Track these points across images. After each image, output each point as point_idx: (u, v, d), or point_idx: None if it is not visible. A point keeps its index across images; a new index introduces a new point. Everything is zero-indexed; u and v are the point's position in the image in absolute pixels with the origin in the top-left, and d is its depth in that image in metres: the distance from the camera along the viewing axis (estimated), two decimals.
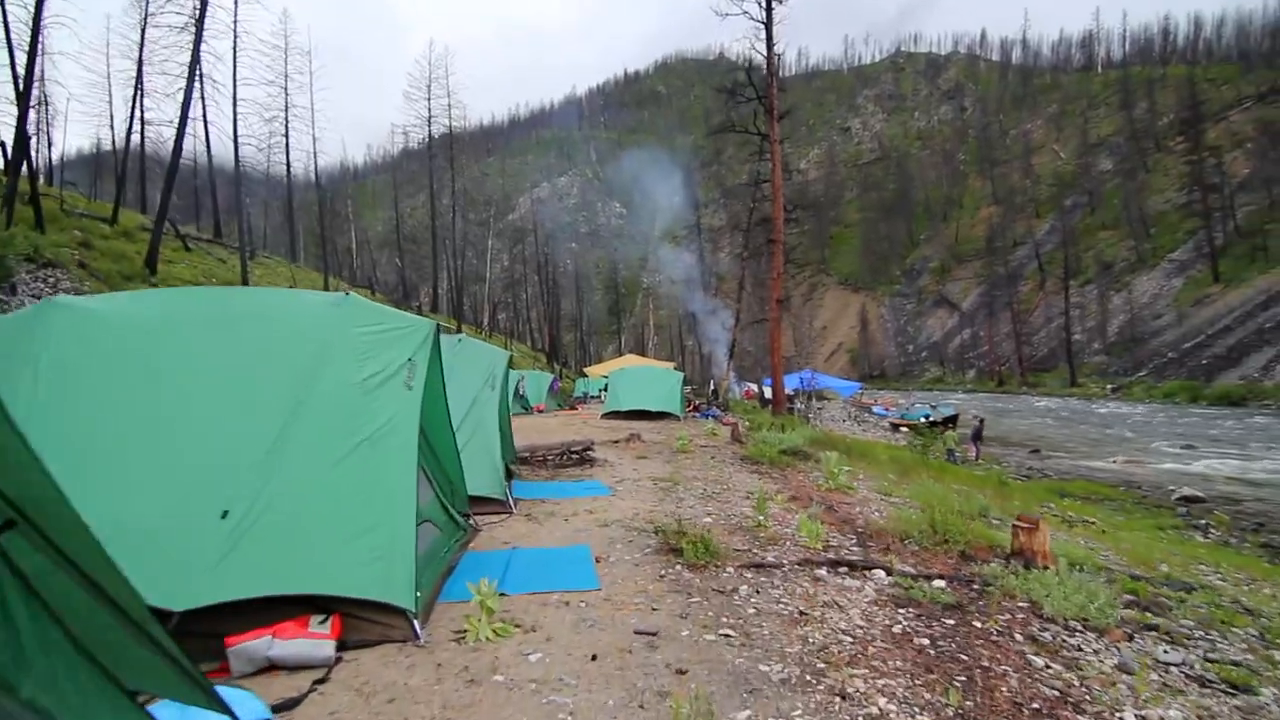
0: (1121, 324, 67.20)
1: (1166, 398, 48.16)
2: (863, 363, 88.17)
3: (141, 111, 30.18)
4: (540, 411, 24.62)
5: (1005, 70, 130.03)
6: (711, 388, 28.04)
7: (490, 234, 66.48)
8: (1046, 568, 5.00)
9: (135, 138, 32.10)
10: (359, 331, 4.31)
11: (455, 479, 6.62)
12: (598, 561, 5.39)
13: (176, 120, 26.15)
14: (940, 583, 4.85)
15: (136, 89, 29.28)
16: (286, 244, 43.51)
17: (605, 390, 27.32)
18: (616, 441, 12.94)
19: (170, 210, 27.40)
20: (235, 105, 31.53)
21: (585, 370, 38.07)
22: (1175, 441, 24.68)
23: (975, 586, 4.85)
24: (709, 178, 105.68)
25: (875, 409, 35.67)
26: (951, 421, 25.81)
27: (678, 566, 5.13)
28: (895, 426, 27.78)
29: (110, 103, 36.83)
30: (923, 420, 26.48)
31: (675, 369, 24.48)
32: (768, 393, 33.78)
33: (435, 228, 45.68)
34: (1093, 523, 10.58)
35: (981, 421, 21.15)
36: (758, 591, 4.61)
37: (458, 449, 6.50)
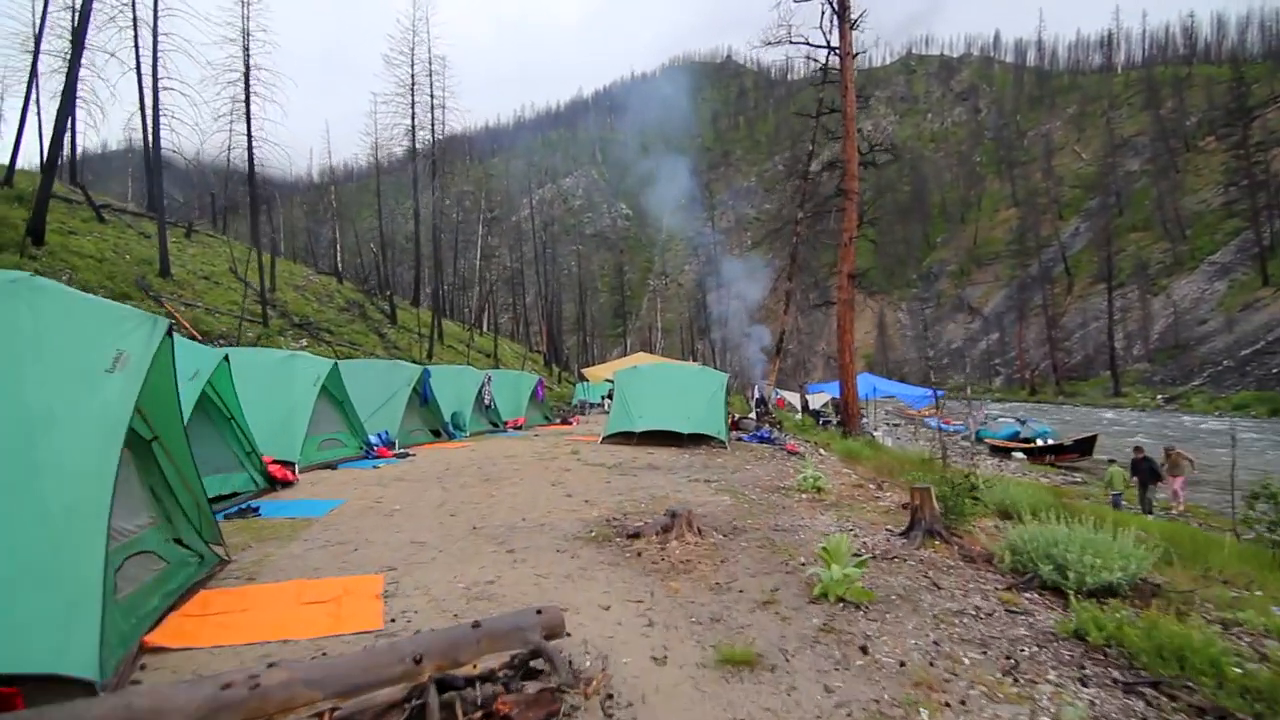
0: (1163, 329, 60.56)
1: (1239, 410, 41.49)
2: (880, 369, 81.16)
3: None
4: (517, 428, 17.63)
5: (1020, 72, 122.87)
6: (756, 395, 20.55)
7: (491, 233, 60.12)
8: None
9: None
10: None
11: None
12: None
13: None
14: None
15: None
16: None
17: (609, 398, 20.25)
18: (631, 535, 5.50)
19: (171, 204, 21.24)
20: (156, 50, 24.76)
21: (584, 372, 30.94)
22: None
23: None
24: (717, 179, 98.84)
25: (930, 421, 28.66)
26: (1086, 446, 18.71)
27: None
28: (999, 450, 20.50)
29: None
30: (1040, 441, 19.48)
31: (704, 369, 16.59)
32: (814, 401, 26.70)
33: (417, 227, 38.93)
34: None
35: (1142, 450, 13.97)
36: None
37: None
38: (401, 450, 11.15)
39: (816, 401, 27.13)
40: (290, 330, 25.16)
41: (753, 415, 18.39)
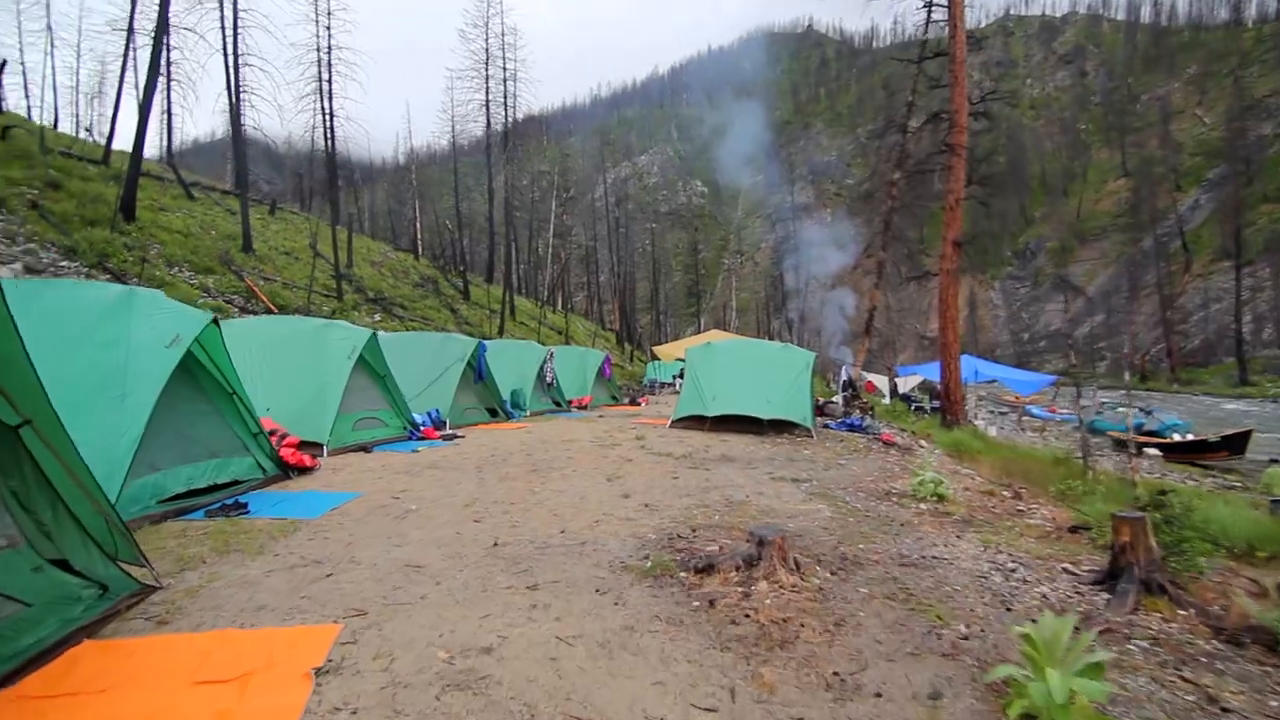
0: None
1: None
2: (970, 352, 75.51)
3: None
4: (581, 408, 16.34)
5: (1133, 30, 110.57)
6: (844, 377, 18.28)
7: (566, 212, 59.45)
8: None
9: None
10: None
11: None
12: None
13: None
14: None
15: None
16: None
17: (681, 377, 18.71)
18: (702, 568, 3.98)
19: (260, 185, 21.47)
20: (236, 26, 24.65)
21: (655, 350, 29.36)
22: None
23: None
24: (796, 153, 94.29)
25: (1034, 409, 25.57)
26: (1239, 444, 15.65)
27: None
28: (1122, 445, 17.24)
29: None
30: (1176, 436, 16.58)
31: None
32: (904, 384, 24.24)
33: (491, 202, 38.24)
34: None
35: None
36: None
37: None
38: (450, 431, 10.03)
39: (906, 385, 24.64)
40: (364, 305, 24.87)
41: (838, 399, 16.40)
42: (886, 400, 21.98)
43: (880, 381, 24.71)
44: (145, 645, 2.70)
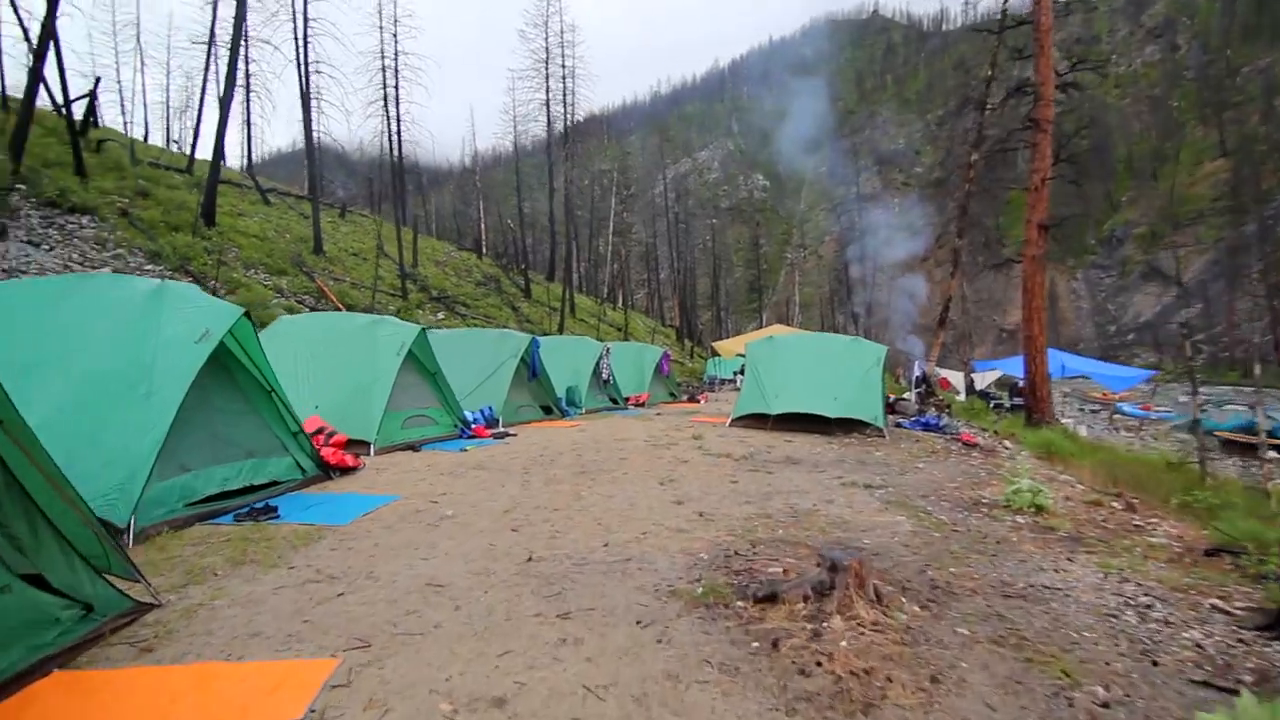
0: None
1: None
2: (1050, 345, 70.97)
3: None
4: (639, 406, 15.84)
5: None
6: (917, 373, 17.03)
7: (627, 210, 59.25)
8: None
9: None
10: None
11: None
12: None
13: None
14: None
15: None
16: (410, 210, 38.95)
17: (741, 373, 17.96)
18: (764, 597, 3.24)
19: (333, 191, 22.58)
20: (306, 34, 25.36)
21: (715, 346, 28.59)
22: None
23: None
24: (862, 143, 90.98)
25: (1125, 407, 23.47)
26: None
27: None
28: (1233, 445, 15.34)
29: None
30: None
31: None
32: (980, 380, 22.64)
33: (552, 200, 38.29)
34: None
35: None
36: None
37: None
38: (502, 430, 9.72)
39: (984, 381, 23.04)
40: (428, 303, 25.17)
41: (910, 396, 15.31)
42: (961, 397, 20.57)
43: (955, 378, 23.20)
44: (114, 680, 2.33)
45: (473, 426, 9.18)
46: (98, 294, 4.63)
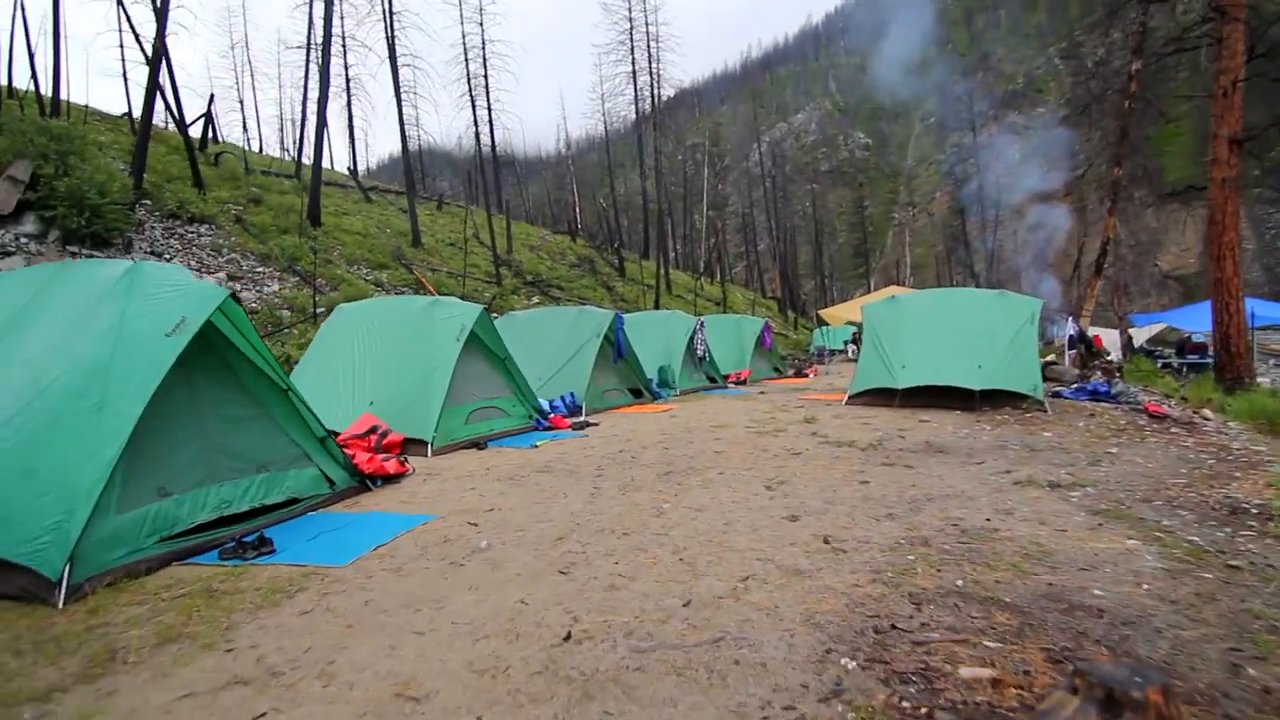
0: None
1: None
2: (1206, 293, 61.17)
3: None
4: (739, 383, 14.20)
5: None
6: (1072, 331, 13.98)
7: (722, 182, 56.91)
8: None
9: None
10: None
11: None
12: None
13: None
14: None
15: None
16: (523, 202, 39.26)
17: (854, 343, 15.78)
18: None
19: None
20: (392, 28, 25.23)
21: (821, 314, 26.07)
22: None
23: None
24: (975, 86, 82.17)
25: None
26: None
27: None
28: None
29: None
30: None
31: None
32: (1138, 336, 19.02)
33: (643, 176, 36.86)
34: None
35: None
36: None
37: None
38: (583, 419, 8.51)
39: (1144, 336, 19.37)
40: (523, 288, 24.69)
41: (1066, 359, 12.67)
42: (1113, 356, 17.26)
43: (1107, 335, 19.64)
44: None
45: (550, 417, 8.05)
46: (50, 286, 3.76)
